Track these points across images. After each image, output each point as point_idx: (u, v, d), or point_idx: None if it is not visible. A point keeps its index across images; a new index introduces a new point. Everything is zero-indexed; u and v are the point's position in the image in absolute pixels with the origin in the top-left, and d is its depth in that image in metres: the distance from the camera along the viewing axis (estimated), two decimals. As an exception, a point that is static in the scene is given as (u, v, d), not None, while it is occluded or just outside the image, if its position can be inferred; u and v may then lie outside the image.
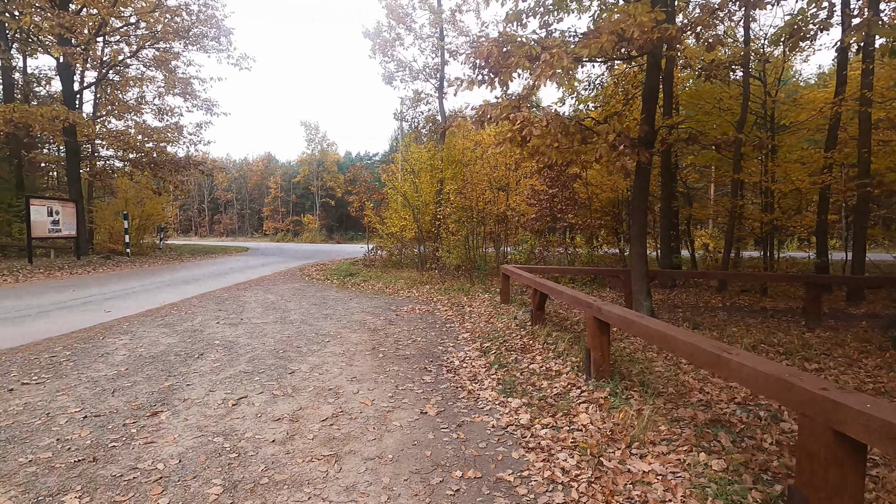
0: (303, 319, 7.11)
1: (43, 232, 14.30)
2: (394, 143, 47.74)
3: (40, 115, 14.03)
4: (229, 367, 4.68)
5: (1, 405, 3.55)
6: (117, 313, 7.29)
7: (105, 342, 5.49)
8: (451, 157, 14.01)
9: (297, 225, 51.59)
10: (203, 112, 18.71)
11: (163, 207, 23.89)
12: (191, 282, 11.50)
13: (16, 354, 4.88)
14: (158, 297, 8.95)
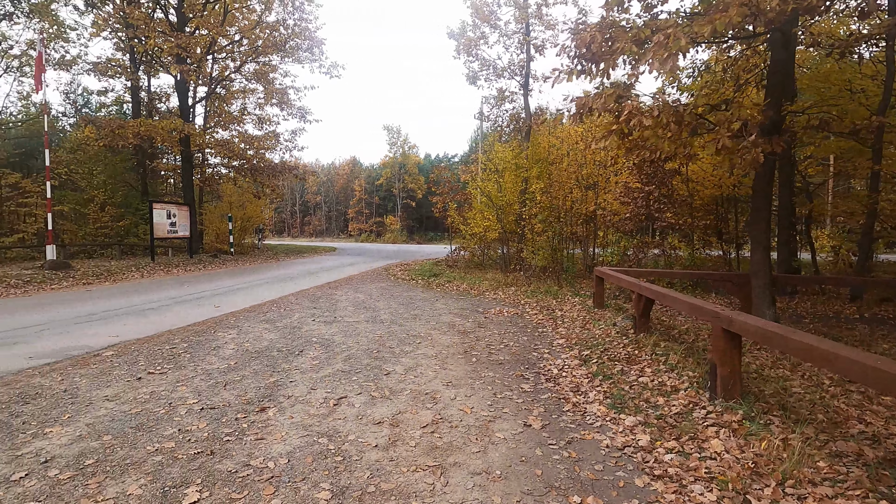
0: (392, 319, 7.15)
1: (163, 233, 15.92)
2: (473, 143, 47.77)
3: (161, 127, 15.64)
4: (327, 365, 4.75)
5: (131, 393, 3.83)
6: (225, 308, 7.81)
7: (216, 336, 5.85)
8: (537, 154, 13.56)
9: (379, 226, 53.40)
10: (297, 120, 19.90)
11: (261, 210, 25.78)
12: (286, 280, 12.15)
13: (143, 345, 5.33)
14: (259, 294, 9.51)
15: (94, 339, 5.52)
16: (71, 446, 2.91)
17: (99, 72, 22.77)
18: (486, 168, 14.48)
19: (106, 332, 5.87)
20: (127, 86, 24.31)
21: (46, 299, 8.49)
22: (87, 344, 5.30)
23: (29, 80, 23.96)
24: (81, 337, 5.63)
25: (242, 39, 18.25)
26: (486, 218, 14.05)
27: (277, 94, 19.31)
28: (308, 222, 64.08)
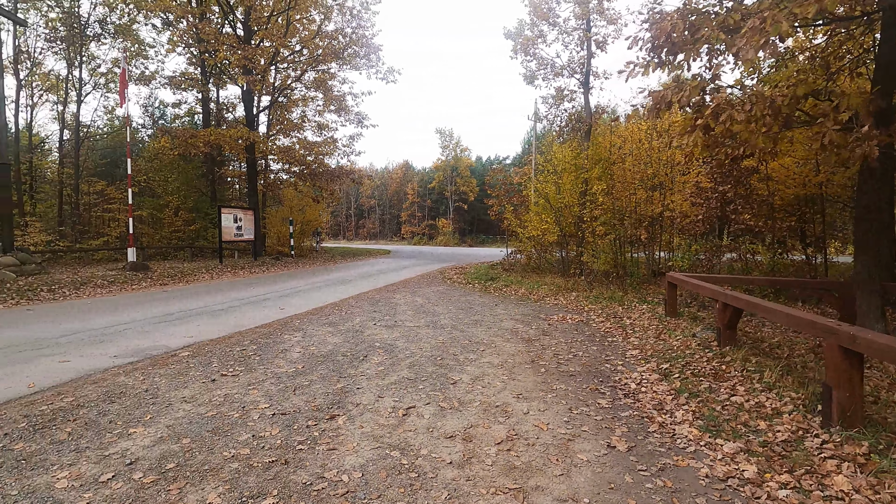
0: (453, 325, 7.01)
1: (230, 236, 16.69)
2: (526, 144, 47.13)
3: (229, 136, 16.42)
4: (392, 372, 4.66)
5: (206, 395, 3.90)
6: (289, 311, 7.98)
7: (282, 338, 5.94)
8: (597, 154, 13.05)
9: (431, 229, 53.81)
10: (354, 125, 20.34)
11: (319, 214, 26.57)
12: (345, 283, 12.35)
13: (215, 346, 5.49)
14: (320, 297, 9.68)
15: (172, 340, 5.76)
16: (153, 448, 2.96)
17: (174, 85, 24.34)
18: (543, 169, 14.11)
19: (182, 333, 6.11)
20: (198, 97, 25.84)
21: (128, 299, 9.03)
22: (166, 344, 5.52)
23: (114, 95, 26.00)
24: (160, 337, 5.89)
25: (303, 49, 18.87)
26: (543, 220, 13.68)
27: (336, 101, 19.83)
28: (362, 225, 65.65)
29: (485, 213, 55.37)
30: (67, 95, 23.72)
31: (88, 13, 22.10)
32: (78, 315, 7.26)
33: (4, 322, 6.68)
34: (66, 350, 5.13)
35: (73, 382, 4.11)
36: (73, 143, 23.48)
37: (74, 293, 9.86)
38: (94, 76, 24.45)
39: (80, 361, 4.74)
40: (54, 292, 9.72)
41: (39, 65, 23.98)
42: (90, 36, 22.09)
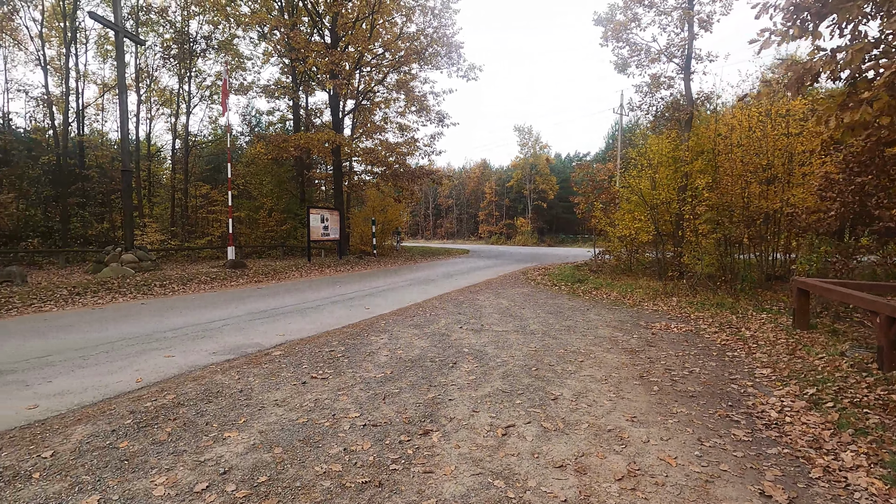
0: (545, 331, 6.52)
1: (317, 236, 17.34)
2: (610, 139, 44.86)
3: (317, 139, 17.07)
4: (485, 382, 4.31)
5: (297, 399, 3.80)
6: (374, 311, 7.93)
7: (369, 340, 5.82)
8: (700, 145, 11.82)
9: (509, 228, 53.02)
10: (435, 124, 20.33)
11: (399, 214, 27.03)
12: (427, 282, 12.24)
13: (305, 346, 5.48)
14: (404, 297, 9.60)
15: (265, 338, 5.85)
16: (246, 457, 2.84)
17: (267, 94, 25.93)
18: (636, 164, 13.05)
19: (274, 331, 6.22)
20: (289, 104, 27.35)
21: (227, 296, 9.53)
22: (259, 342, 5.61)
23: (217, 106, 28.26)
24: (254, 334, 6.02)
25: (385, 52, 19.17)
26: (636, 218, 12.66)
27: (417, 101, 19.95)
28: (440, 225, 66.36)
29: (564, 211, 53.64)
30: (179, 108, 26.12)
31: (196, 31, 24.18)
32: (183, 310, 7.71)
33: (122, 315, 7.23)
34: (172, 345, 5.36)
35: (175, 379, 4.21)
36: (183, 151, 25.83)
37: (182, 288, 10.62)
38: (200, 89, 26.75)
39: (183, 357, 4.90)
40: (165, 287, 10.52)
41: (156, 81, 26.66)
42: (197, 52, 24.13)
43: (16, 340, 5.48)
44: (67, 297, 8.82)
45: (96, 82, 26.17)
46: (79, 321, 6.69)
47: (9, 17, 23.42)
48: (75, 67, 22.92)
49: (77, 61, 23.13)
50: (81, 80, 23.91)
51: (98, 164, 23.11)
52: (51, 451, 2.83)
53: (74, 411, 3.44)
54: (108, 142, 27.81)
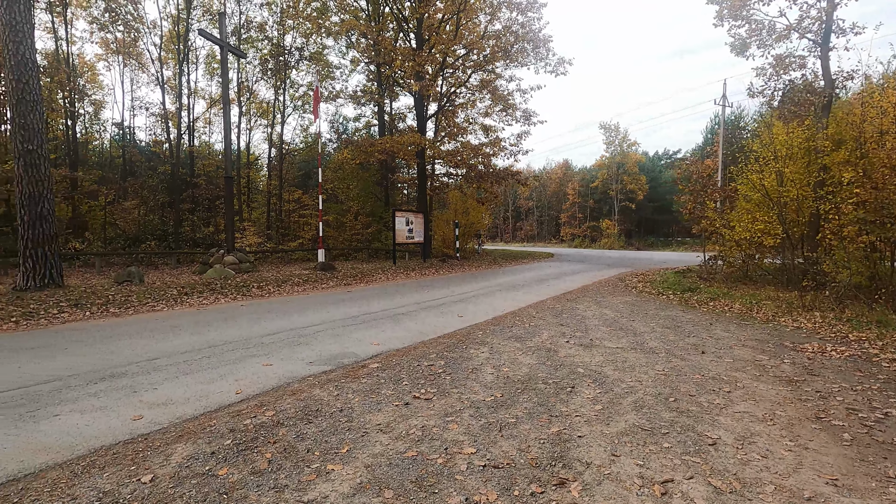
0: (668, 349, 5.63)
1: (402, 238, 17.33)
2: (709, 133, 41.22)
3: (403, 142, 17.08)
4: (615, 414, 3.61)
5: (402, 424, 3.36)
6: (468, 318, 7.45)
7: (469, 353, 5.31)
8: (842, 132, 10.07)
9: (593, 230, 50.64)
10: (521, 123, 19.59)
11: (481, 216, 26.58)
12: (518, 288, 11.57)
13: (402, 358, 5.09)
14: (495, 304, 9.03)
15: (359, 346, 5.57)
16: (352, 499, 2.42)
17: (354, 101, 26.69)
18: (756, 157, 11.44)
19: (368, 339, 5.93)
20: (374, 111, 27.99)
21: (319, 299, 9.55)
22: (354, 351, 5.32)
23: (308, 115, 29.66)
24: (348, 342, 5.76)
25: (470, 53, 18.80)
26: (757, 219, 11.09)
27: (501, 100, 19.35)
28: (519, 227, 65.11)
29: (654, 212, 50.12)
30: (274, 118, 27.70)
31: (290, 44, 25.46)
32: (280, 313, 7.74)
33: (223, 318, 7.37)
34: (269, 352, 5.22)
35: (274, 392, 3.97)
36: (278, 159, 27.32)
37: (277, 290, 10.88)
38: (293, 100, 28.21)
39: (281, 366, 4.70)
40: (262, 289, 10.84)
41: (254, 95, 28.50)
42: (291, 64, 25.40)
43: (130, 341, 5.65)
44: (177, 297, 9.29)
45: (204, 97, 28.53)
46: (185, 322, 6.87)
47: (133, 44, 26.20)
48: (187, 85, 25.07)
49: (188, 79, 25.29)
50: (192, 96, 26.13)
51: (205, 173, 25.08)
52: (150, 476, 2.60)
53: (176, 426, 3.26)
54: (214, 152, 30.21)
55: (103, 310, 8.05)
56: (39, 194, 9.13)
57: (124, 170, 24.88)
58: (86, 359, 4.80)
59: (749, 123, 36.55)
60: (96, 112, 30.37)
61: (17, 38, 8.88)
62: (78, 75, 25.28)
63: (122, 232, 21.08)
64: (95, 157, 28.09)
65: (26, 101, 8.99)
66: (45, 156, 9.36)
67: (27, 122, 9.02)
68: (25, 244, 9.03)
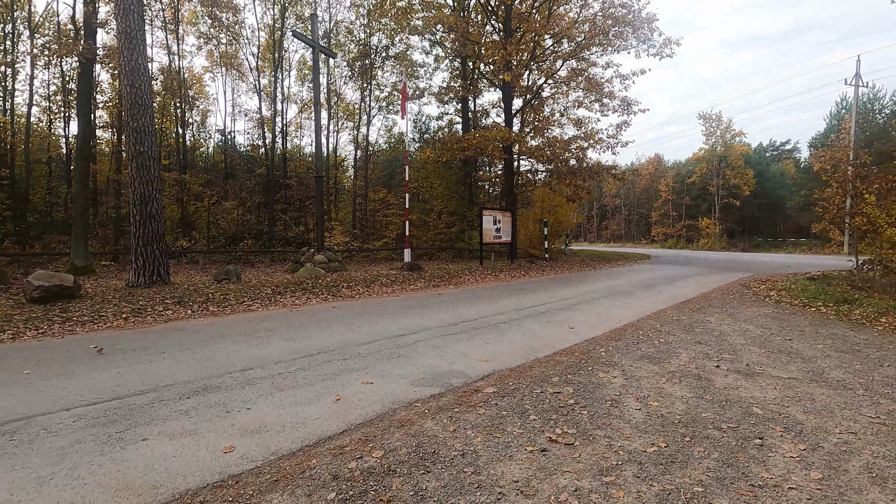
0: (863, 384, 4.31)
1: (489, 238, 16.54)
2: (834, 120, 36.17)
3: (491, 136, 16.29)
4: (847, 488, 2.54)
5: (546, 483, 2.55)
6: (580, 331, 6.47)
7: (598, 378, 4.39)
8: None
9: (690, 230, 46.59)
10: (619, 113, 17.97)
11: (569, 215, 25.10)
12: (624, 294, 10.30)
13: (519, 380, 4.28)
14: (607, 312, 7.94)
15: (465, 362, 4.84)
16: None
17: (438, 99, 26.39)
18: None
19: (474, 353, 5.19)
20: (457, 108, 27.52)
21: (410, 302, 9.03)
22: (461, 369, 4.61)
23: (391, 116, 29.88)
24: (451, 356, 5.07)
25: (562, 40, 17.56)
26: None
27: (596, 90, 17.87)
28: (605, 226, 61.78)
29: (760, 210, 44.90)
30: (360, 119, 28.18)
31: (376, 45, 25.68)
32: (372, 317, 7.27)
33: (316, 321, 7.02)
34: (367, 365, 4.66)
35: (378, 421, 3.34)
36: (364, 159, 27.75)
37: (366, 291, 10.56)
38: (377, 101, 28.53)
39: (381, 385, 4.09)
40: (351, 289, 10.58)
41: (341, 98, 29.19)
42: (377, 65, 25.62)
43: (226, 345, 5.38)
44: (270, 297, 9.23)
45: (296, 102, 29.75)
46: (279, 325, 6.60)
47: (234, 55, 27.89)
48: (280, 91, 26.18)
49: (282, 85, 26.40)
50: (285, 101, 27.29)
51: (297, 174, 26.04)
52: (240, 545, 2.02)
53: (271, 464, 2.71)
54: (304, 154, 31.44)
55: (203, 308, 8.09)
56: (149, 194, 9.49)
57: (226, 173, 26.54)
58: (182, 366, 4.53)
59: (888, 105, 31.41)
60: (203, 120, 32.92)
61: (131, 45, 9.27)
62: (188, 87, 27.39)
63: (222, 231, 22.39)
64: (202, 161, 30.38)
65: (138, 105, 9.38)
66: (155, 157, 9.73)
67: (139, 126, 9.40)
68: (137, 242, 9.42)
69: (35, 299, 7.87)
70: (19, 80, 22.42)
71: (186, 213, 23.23)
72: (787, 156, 52.23)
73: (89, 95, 13.68)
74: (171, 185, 23.29)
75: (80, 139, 13.55)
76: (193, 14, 26.46)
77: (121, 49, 9.37)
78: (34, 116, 25.64)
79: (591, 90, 17.61)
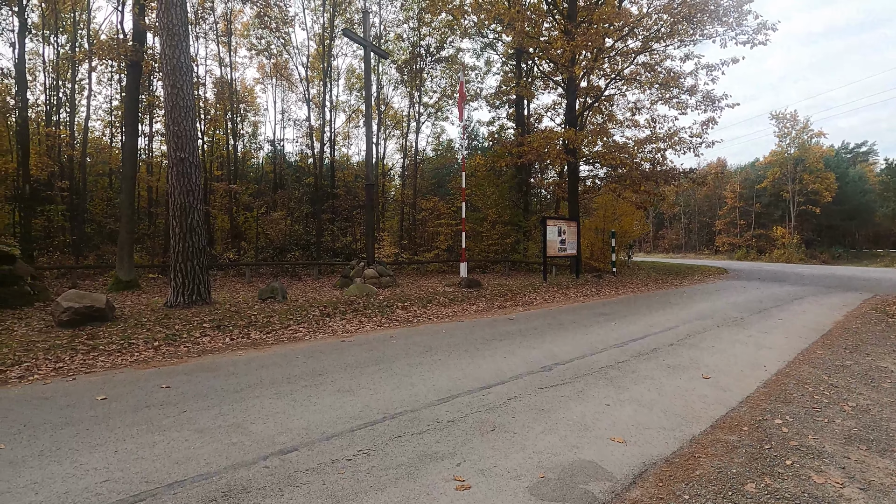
0: None
1: (553, 251, 14.94)
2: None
3: (555, 137, 14.75)
4: None
5: None
6: (722, 383, 4.82)
7: (811, 484, 2.79)
8: None
9: (761, 239, 42.83)
10: (701, 110, 15.93)
11: (633, 224, 23.05)
12: (737, 322, 8.44)
13: (690, 486, 2.76)
14: (734, 350, 6.21)
15: (595, 444, 3.36)
16: None
17: (489, 103, 25.11)
18: None
19: (599, 425, 3.68)
20: (510, 112, 26.10)
21: (481, 332, 7.65)
22: (594, 459, 3.12)
23: (440, 123, 28.82)
24: (568, 428, 3.60)
25: (635, 30, 15.83)
26: None
27: (674, 84, 15.95)
28: (662, 236, 58.23)
29: (842, 218, 40.49)
30: (409, 126, 27.30)
31: (425, 49, 24.74)
32: (440, 354, 5.93)
33: (373, 359, 5.76)
34: (454, 446, 3.27)
35: None
36: (412, 167, 26.78)
37: (423, 312, 9.29)
38: (426, 108, 27.58)
39: (484, 492, 2.69)
40: (406, 310, 9.34)
41: (389, 106, 28.46)
42: (426, 69, 24.65)
43: (262, 402, 4.17)
44: (318, 320, 8.11)
45: (344, 110, 29.27)
46: (329, 366, 5.36)
47: (284, 66, 27.75)
48: (329, 100, 25.68)
49: (330, 94, 25.90)
50: (334, 110, 26.79)
51: (344, 183, 25.37)
52: None
53: None
54: (351, 164, 30.88)
55: (244, 334, 7.05)
56: (190, 205, 8.62)
57: (275, 183, 26.24)
58: (201, 442, 3.31)
59: None
60: (254, 132, 33.11)
61: (173, 41, 8.48)
62: (240, 99, 27.43)
63: (270, 241, 21.88)
64: (252, 172, 30.40)
65: (179, 107, 8.56)
66: (197, 164, 8.88)
67: (180, 130, 8.58)
68: (176, 258, 8.55)
69: (64, 322, 7.06)
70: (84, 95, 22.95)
71: (236, 224, 22.94)
72: (863, 158, 47.48)
73: (136, 103, 13.26)
74: (221, 195, 23.10)
75: (126, 148, 13.15)
76: (246, 26, 26.55)
77: (162, 47, 8.60)
78: (97, 131, 26.37)
79: (669, 85, 15.69)
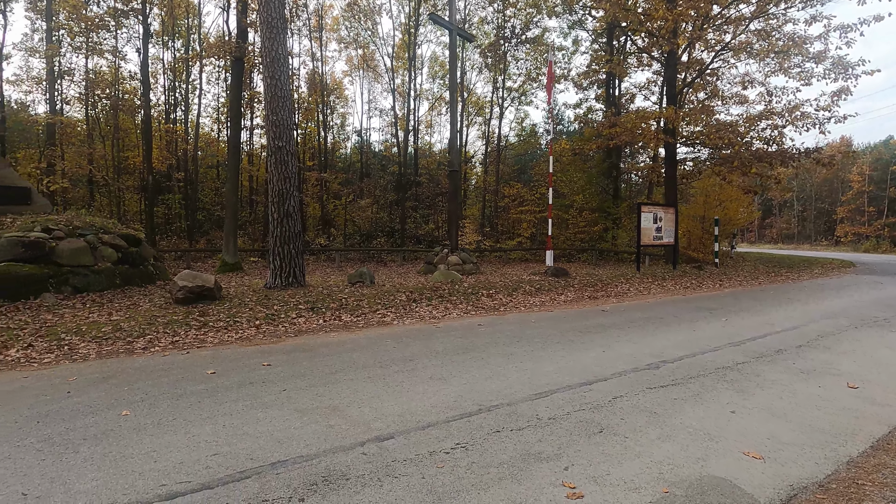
0: None
1: (648, 239, 13.92)
2: None
3: (652, 116, 13.64)
4: None
5: None
6: (874, 396, 4.07)
7: None
8: None
9: (894, 229, 37.14)
10: (831, 80, 13.83)
11: (739, 211, 20.89)
12: (879, 323, 7.23)
13: (868, 526, 2.28)
14: (878, 354, 5.28)
15: (723, 457, 2.92)
16: None
17: (576, 85, 23.92)
18: None
19: (727, 435, 3.22)
20: (598, 93, 24.71)
21: (573, 322, 7.25)
22: (726, 477, 2.70)
23: (523, 108, 28.00)
24: (689, 437, 3.19)
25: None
26: None
27: (796, 49, 14.00)
28: (769, 224, 52.59)
29: None
30: (491, 112, 26.87)
31: (510, 30, 24.06)
32: (532, 344, 5.65)
33: (462, 347, 5.62)
34: (559, 448, 3.01)
35: None
36: (495, 153, 26.37)
37: (509, 300, 9.04)
38: (510, 93, 26.93)
39: (595, 501, 2.41)
40: (492, 298, 9.14)
41: (472, 93, 28.16)
42: (511, 52, 23.99)
43: (359, 384, 4.17)
44: (405, 305, 8.18)
45: (427, 98, 29.45)
46: (419, 352, 5.31)
47: (371, 57, 28.45)
48: (413, 89, 25.94)
49: (414, 83, 26.14)
50: (417, 98, 27.03)
51: (427, 171, 25.61)
52: None
53: None
54: (433, 152, 31.09)
55: (336, 316, 7.27)
56: (286, 191, 9.04)
57: (361, 171, 27.16)
58: (300, 423, 3.34)
59: None
60: (342, 123, 34.47)
61: (271, 34, 8.87)
62: (329, 91, 28.63)
63: (357, 228, 22.72)
64: (341, 161, 31.73)
65: (278, 97, 8.95)
66: (293, 152, 9.28)
67: (279, 119, 8.98)
68: (274, 242, 9.03)
69: (179, 300, 7.72)
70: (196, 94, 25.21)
71: (326, 212, 24.08)
72: None
73: (239, 98, 14.20)
74: (313, 184, 24.33)
75: (230, 140, 14.16)
76: (336, 20, 27.57)
77: (262, 39, 9.03)
78: (206, 126, 28.87)
79: (790, 53, 13.77)
